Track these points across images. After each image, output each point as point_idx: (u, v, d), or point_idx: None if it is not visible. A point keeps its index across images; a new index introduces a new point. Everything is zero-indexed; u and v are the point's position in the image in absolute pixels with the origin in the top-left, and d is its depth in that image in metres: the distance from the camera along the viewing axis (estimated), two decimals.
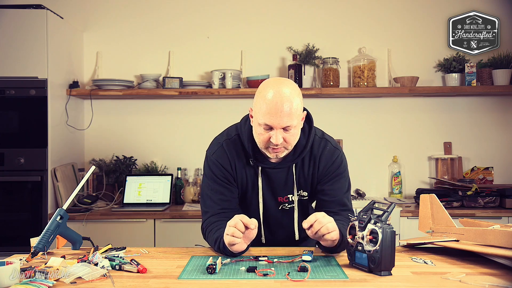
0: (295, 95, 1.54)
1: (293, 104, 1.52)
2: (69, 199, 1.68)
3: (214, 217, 1.68)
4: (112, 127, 3.50)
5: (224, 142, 1.72)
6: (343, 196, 1.72)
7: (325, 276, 1.34)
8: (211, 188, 1.71)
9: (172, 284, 1.28)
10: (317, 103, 3.44)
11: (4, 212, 2.92)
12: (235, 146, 1.71)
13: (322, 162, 1.71)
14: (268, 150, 1.61)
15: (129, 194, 3.20)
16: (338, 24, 3.48)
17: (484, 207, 2.99)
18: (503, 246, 1.39)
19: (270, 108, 1.51)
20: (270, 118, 1.52)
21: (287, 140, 1.57)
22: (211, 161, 1.72)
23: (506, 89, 3.20)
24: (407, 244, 1.70)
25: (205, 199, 1.73)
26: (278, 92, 1.52)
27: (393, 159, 3.43)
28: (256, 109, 1.57)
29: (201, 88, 3.30)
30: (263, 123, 1.54)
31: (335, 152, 1.72)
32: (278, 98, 1.51)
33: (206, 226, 1.69)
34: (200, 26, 3.50)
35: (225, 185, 1.71)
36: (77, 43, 3.43)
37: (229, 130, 1.77)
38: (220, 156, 1.71)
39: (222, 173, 1.70)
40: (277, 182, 1.72)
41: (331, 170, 1.71)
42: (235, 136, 1.73)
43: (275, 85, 1.55)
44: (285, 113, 1.51)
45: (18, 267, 1.29)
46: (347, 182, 1.75)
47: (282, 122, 1.52)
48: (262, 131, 1.56)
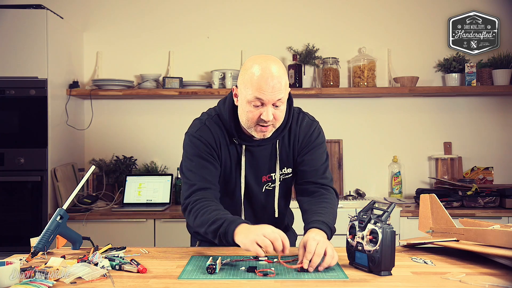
0: (282, 70, 1.57)
1: (282, 78, 1.54)
2: (69, 199, 1.68)
3: (202, 192, 1.59)
4: (112, 127, 3.50)
5: (207, 121, 1.70)
6: (322, 166, 1.72)
7: (325, 276, 1.34)
8: (195, 163, 1.63)
9: (172, 284, 1.28)
10: (317, 103, 3.44)
11: (4, 212, 2.92)
12: (218, 124, 1.69)
13: (301, 134, 1.72)
14: (256, 129, 1.58)
15: (129, 194, 3.20)
16: (338, 24, 3.48)
17: (484, 207, 2.99)
18: (503, 246, 1.39)
19: (262, 83, 1.50)
20: (262, 92, 1.51)
21: (276, 116, 1.56)
22: (194, 137, 1.67)
23: (506, 89, 3.20)
24: (407, 244, 1.70)
25: (187, 174, 1.64)
26: (267, 67, 1.53)
27: (393, 159, 3.43)
28: (245, 86, 1.55)
29: (201, 88, 3.30)
30: (253, 99, 1.52)
31: (312, 123, 1.75)
32: (269, 73, 1.51)
33: (194, 201, 1.57)
34: (200, 26, 3.50)
35: (210, 161, 1.64)
36: (77, 43, 3.44)
37: (209, 111, 1.77)
38: (204, 133, 1.66)
39: (207, 148, 1.64)
40: (261, 159, 1.70)
41: (310, 141, 1.72)
42: (216, 116, 1.71)
43: (262, 61, 1.55)
44: (277, 87, 1.51)
45: (18, 267, 1.29)
46: (325, 153, 1.76)
47: (274, 95, 1.52)
48: (252, 109, 1.54)
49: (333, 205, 1.64)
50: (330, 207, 1.61)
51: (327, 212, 1.58)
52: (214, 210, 1.52)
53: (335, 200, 1.68)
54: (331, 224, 1.54)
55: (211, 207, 1.54)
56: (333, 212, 1.61)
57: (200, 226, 1.53)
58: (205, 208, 1.54)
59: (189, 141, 1.69)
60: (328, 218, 1.55)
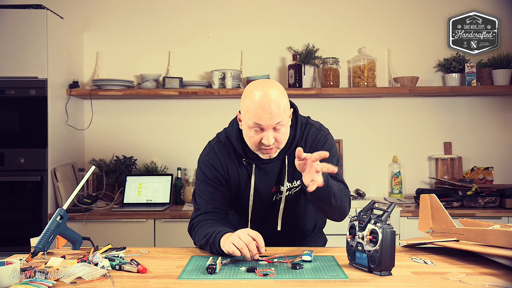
0: (281, 94, 1.59)
1: (280, 102, 1.56)
2: (69, 199, 1.68)
3: (206, 215, 1.71)
4: (112, 127, 3.50)
5: (215, 145, 1.77)
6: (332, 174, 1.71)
7: (325, 276, 1.34)
8: (203, 188, 1.74)
9: (172, 284, 1.28)
10: (317, 103, 3.44)
11: (4, 212, 2.92)
12: (226, 148, 1.75)
13: (307, 145, 1.74)
14: (261, 151, 1.64)
15: (129, 194, 3.20)
16: (338, 24, 3.48)
17: (484, 207, 2.99)
18: (503, 246, 1.39)
19: (260, 108, 1.54)
20: (260, 118, 1.55)
21: (278, 139, 1.60)
22: (202, 163, 1.76)
23: (506, 89, 3.20)
24: (407, 244, 1.70)
25: (197, 198, 1.76)
26: (265, 92, 1.56)
27: (393, 159, 3.43)
28: (245, 112, 1.60)
29: (201, 88, 3.30)
30: (253, 125, 1.57)
31: (319, 133, 1.76)
32: (266, 98, 1.54)
33: (198, 221, 1.70)
34: (200, 26, 3.50)
35: (216, 186, 1.74)
36: (77, 43, 3.44)
37: (219, 134, 1.82)
38: (211, 158, 1.75)
39: (213, 174, 1.73)
40: (271, 174, 1.74)
41: (317, 149, 1.70)
42: (225, 139, 1.77)
43: (261, 87, 1.58)
44: (274, 112, 1.55)
45: (18, 267, 1.29)
46: (335, 159, 1.74)
47: (272, 120, 1.55)
48: (253, 133, 1.59)
49: (340, 189, 1.65)
50: (338, 184, 1.64)
51: (331, 181, 1.58)
52: (210, 226, 1.63)
53: (344, 191, 1.68)
54: (331, 184, 1.55)
55: (208, 225, 1.65)
56: (337, 187, 1.61)
57: (198, 241, 1.66)
58: (204, 226, 1.66)
59: (198, 166, 1.79)
60: (331, 181, 1.56)
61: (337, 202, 1.60)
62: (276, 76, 3.46)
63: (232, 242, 1.46)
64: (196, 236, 1.68)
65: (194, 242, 1.71)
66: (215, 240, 1.55)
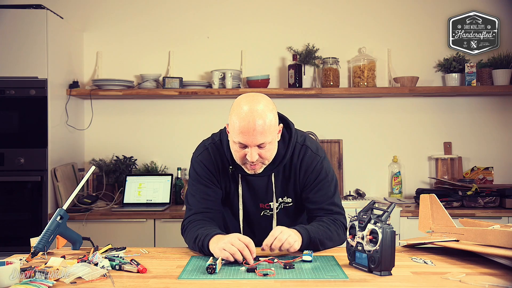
0: (267, 111, 1.55)
1: (266, 121, 1.53)
2: (69, 199, 1.68)
3: (197, 215, 1.70)
4: (112, 127, 3.50)
5: (209, 146, 1.76)
6: (329, 202, 1.72)
7: (325, 276, 1.34)
8: (195, 188, 1.74)
9: (172, 284, 1.28)
10: (317, 103, 3.44)
11: (4, 212, 2.92)
12: (219, 150, 1.74)
13: (302, 170, 1.72)
14: (245, 166, 1.63)
15: (129, 194, 3.20)
16: (338, 24, 3.48)
17: (484, 207, 2.99)
18: (503, 246, 1.39)
19: (243, 127, 1.52)
20: (243, 137, 1.53)
21: (262, 156, 1.59)
22: (196, 161, 1.75)
23: (506, 89, 3.20)
24: (407, 244, 1.70)
25: (189, 198, 1.76)
26: (250, 110, 1.53)
27: (393, 159, 3.43)
28: (231, 127, 1.58)
29: (201, 88, 3.30)
30: (237, 142, 1.56)
31: (315, 158, 1.72)
32: (250, 117, 1.52)
33: (188, 222, 1.69)
34: (200, 26, 3.50)
35: (208, 185, 1.73)
36: (77, 43, 3.44)
37: (214, 135, 1.81)
38: (204, 158, 1.74)
39: (206, 174, 1.73)
40: (258, 189, 1.74)
41: (312, 178, 1.72)
42: (218, 141, 1.76)
43: (247, 103, 1.55)
44: (258, 131, 1.52)
45: (18, 267, 1.29)
46: (332, 186, 1.73)
47: (255, 140, 1.53)
48: (238, 149, 1.59)
49: (329, 227, 1.65)
50: (324, 226, 1.65)
51: (316, 227, 1.62)
52: (200, 228, 1.63)
53: (335, 226, 1.67)
54: (314, 234, 1.57)
55: (197, 226, 1.65)
56: (324, 230, 1.63)
57: (189, 243, 1.67)
58: (194, 227, 1.65)
59: (191, 165, 1.78)
60: (314, 230, 1.59)
61: (328, 245, 1.64)
62: (276, 76, 3.47)
63: (223, 248, 1.45)
64: (187, 238, 1.67)
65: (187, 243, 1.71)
66: (203, 244, 1.55)
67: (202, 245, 1.55)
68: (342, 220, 1.71)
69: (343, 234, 1.68)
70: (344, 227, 1.70)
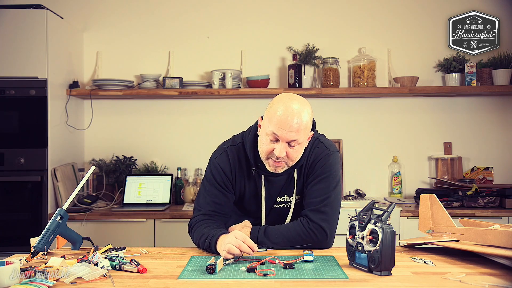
0: (307, 114, 1.60)
1: (303, 121, 1.58)
2: (69, 199, 1.68)
3: (205, 216, 1.74)
4: (112, 127, 3.50)
5: (229, 148, 1.77)
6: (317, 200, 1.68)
7: (325, 276, 1.34)
8: (208, 190, 1.77)
9: (172, 284, 1.28)
10: (317, 103, 3.44)
11: (4, 212, 2.92)
12: (238, 153, 1.76)
13: (309, 161, 1.74)
14: (268, 162, 1.65)
15: (129, 194, 3.20)
16: (338, 24, 3.48)
17: (484, 207, 2.99)
18: (503, 246, 1.39)
19: (282, 120, 1.56)
20: (279, 129, 1.57)
21: (289, 155, 1.61)
22: (213, 164, 1.78)
23: (506, 89, 3.20)
24: (407, 244, 1.70)
25: (200, 198, 1.79)
26: (294, 107, 1.58)
27: (393, 159, 3.43)
28: (267, 119, 1.61)
29: (201, 88, 3.30)
30: (271, 133, 1.59)
31: (323, 152, 1.74)
32: (292, 112, 1.57)
33: (195, 222, 1.74)
34: (200, 26, 3.50)
35: (221, 190, 1.75)
36: (77, 43, 3.44)
37: (236, 137, 1.83)
38: (222, 161, 1.76)
39: (221, 178, 1.75)
40: (277, 186, 1.76)
41: (314, 171, 1.72)
42: (240, 144, 1.77)
43: (293, 100, 1.61)
44: (294, 128, 1.57)
45: (18, 267, 1.29)
46: (330, 186, 1.70)
47: (289, 135, 1.57)
48: (268, 141, 1.61)
49: (292, 229, 1.67)
50: (286, 227, 1.69)
51: (277, 227, 1.68)
52: (206, 227, 1.67)
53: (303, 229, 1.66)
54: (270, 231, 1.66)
55: (204, 225, 1.69)
56: (283, 232, 1.66)
57: (196, 241, 1.70)
58: (201, 226, 1.70)
59: (208, 166, 1.81)
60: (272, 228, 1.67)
61: (284, 246, 1.66)
62: (276, 76, 3.47)
63: (224, 249, 1.49)
64: (194, 237, 1.72)
65: (194, 242, 1.74)
66: (211, 245, 1.60)
67: (209, 246, 1.60)
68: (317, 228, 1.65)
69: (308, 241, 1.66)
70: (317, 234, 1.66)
